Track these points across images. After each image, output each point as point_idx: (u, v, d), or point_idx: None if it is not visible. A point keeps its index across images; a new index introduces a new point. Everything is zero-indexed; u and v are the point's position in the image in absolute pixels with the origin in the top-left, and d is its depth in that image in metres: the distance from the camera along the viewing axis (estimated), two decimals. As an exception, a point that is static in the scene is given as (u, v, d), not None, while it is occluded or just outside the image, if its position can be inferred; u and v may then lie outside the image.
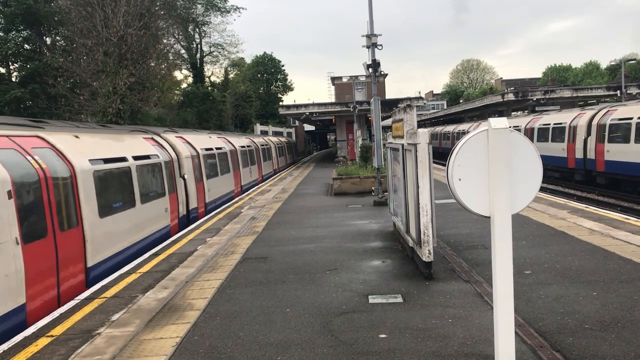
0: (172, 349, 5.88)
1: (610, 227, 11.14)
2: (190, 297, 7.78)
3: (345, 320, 6.55)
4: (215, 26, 70.00)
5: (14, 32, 41.35)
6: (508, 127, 4.30)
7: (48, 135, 9.52)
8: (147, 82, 34.03)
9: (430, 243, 7.97)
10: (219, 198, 19.82)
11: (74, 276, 9.00)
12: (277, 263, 9.68)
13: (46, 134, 9.50)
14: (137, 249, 11.60)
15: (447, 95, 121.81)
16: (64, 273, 8.64)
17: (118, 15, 30.47)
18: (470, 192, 4.34)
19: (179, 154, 15.92)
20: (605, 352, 5.29)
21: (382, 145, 17.40)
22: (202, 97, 53.38)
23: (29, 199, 7.98)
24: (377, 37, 17.96)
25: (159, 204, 13.41)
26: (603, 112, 24.53)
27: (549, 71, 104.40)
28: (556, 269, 8.34)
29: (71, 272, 8.90)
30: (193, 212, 16.23)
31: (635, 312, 6.32)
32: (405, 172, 8.97)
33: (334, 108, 43.11)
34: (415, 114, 8.97)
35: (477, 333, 5.93)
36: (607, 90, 48.97)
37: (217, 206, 18.88)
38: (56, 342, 6.26)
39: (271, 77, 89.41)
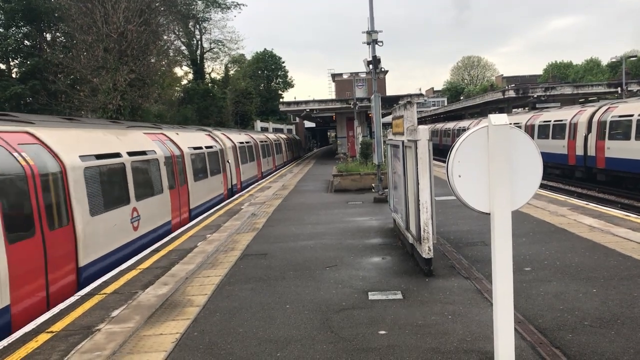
0: (172, 345, 5.89)
1: (610, 224, 11.14)
2: (190, 294, 7.79)
3: (345, 317, 6.55)
4: (216, 22, 69.85)
5: (14, 28, 41.33)
6: (508, 124, 4.29)
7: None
8: (148, 78, 33.96)
9: (430, 240, 7.97)
10: (250, 179, 27.56)
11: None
12: (277, 259, 9.68)
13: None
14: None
15: (448, 92, 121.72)
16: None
17: (118, 11, 30.40)
18: (470, 188, 4.34)
19: (225, 145, 22.36)
20: (605, 348, 5.30)
21: (382, 142, 17.39)
22: (203, 93, 53.32)
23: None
24: (378, 33, 17.94)
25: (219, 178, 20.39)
26: (604, 109, 24.50)
27: (549, 68, 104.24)
28: (556, 265, 8.34)
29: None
30: (235, 187, 23.40)
31: (635, 308, 6.32)
32: (406, 168, 8.96)
33: (335, 105, 43.06)
34: (415, 110, 8.96)
35: (477, 329, 5.93)
36: (607, 87, 48.92)
37: (248, 184, 26.08)
38: (56, 338, 6.27)
39: (271, 74, 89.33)
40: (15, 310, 7.29)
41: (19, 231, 7.63)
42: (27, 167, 8.07)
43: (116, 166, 11.17)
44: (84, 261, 9.20)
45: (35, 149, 8.67)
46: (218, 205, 18.03)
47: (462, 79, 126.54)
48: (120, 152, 11.57)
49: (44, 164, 8.64)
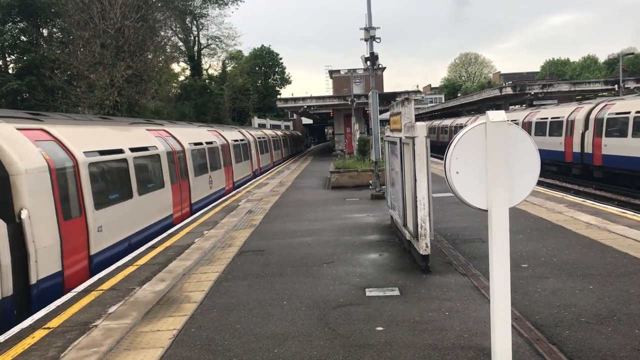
0: (169, 341, 5.89)
1: (607, 221, 11.17)
2: (187, 290, 7.78)
3: (342, 313, 6.56)
4: (213, 19, 69.62)
5: (11, 23, 41.16)
6: (506, 120, 4.29)
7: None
8: (145, 74, 33.91)
9: (427, 236, 7.98)
10: (266, 166, 34.67)
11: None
12: (274, 256, 9.68)
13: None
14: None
15: (445, 89, 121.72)
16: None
17: (115, 7, 30.32)
18: (467, 185, 4.34)
19: (249, 139, 29.72)
20: (602, 345, 5.31)
21: (379, 139, 17.39)
22: (200, 90, 53.19)
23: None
24: (375, 30, 17.90)
25: (247, 164, 27.60)
26: (601, 106, 24.53)
27: (547, 65, 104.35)
28: (553, 262, 8.36)
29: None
30: (255, 172, 29.43)
31: (631, 305, 6.34)
32: (403, 165, 8.97)
33: (332, 101, 43.03)
34: (413, 107, 8.95)
35: (474, 326, 5.94)
36: (604, 85, 48.95)
37: (264, 170, 32.75)
38: (53, 334, 6.26)
39: (269, 70, 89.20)
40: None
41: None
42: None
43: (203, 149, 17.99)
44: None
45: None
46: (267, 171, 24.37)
47: (459, 76, 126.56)
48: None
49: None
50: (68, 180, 9.33)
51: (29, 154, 8.44)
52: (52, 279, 8.42)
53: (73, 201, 9.40)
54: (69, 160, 9.55)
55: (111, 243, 10.54)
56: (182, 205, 15.57)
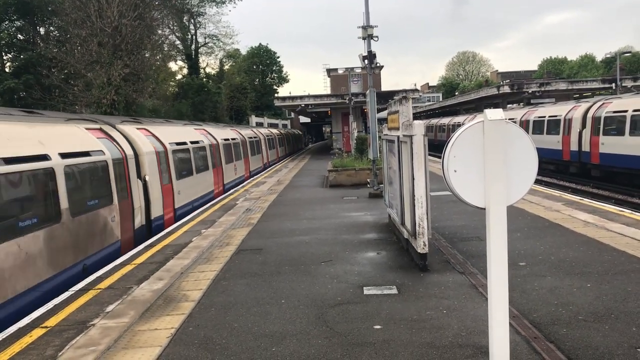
0: (167, 340, 5.88)
1: (604, 220, 11.19)
2: (185, 289, 7.77)
3: (340, 312, 6.56)
4: (210, 17, 69.61)
5: (7, 22, 41.04)
6: (504, 119, 4.28)
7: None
8: (142, 73, 33.83)
9: (425, 235, 7.98)
10: (275, 160, 40.18)
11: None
12: (272, 255, 9.68)
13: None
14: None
15: (443, 87, 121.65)
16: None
17: (112, 5, 30.24)
18: (465, 183, 4.33)
19: (262, 135, 35.01)
20: (599, 342, 5.32)
21: (377, 137, 17.38)
22: (197, 88, 53.13)
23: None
24: (373, 28, 17.88)
25: (259, 157, 32.00)
26: (598, 104, 24.56)
27: (544, 64, 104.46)
28: (551, 260, 8.37)
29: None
30: (266, 164, 34.19)
31: (628, 303, 6.35)
32: (401, 164, 8.97)
33: (330, 100, 43.01)
34: (411, 105, 8.94)
35: (472, 324, 5.95)
36: (602, 83, 48.97)
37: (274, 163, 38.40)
38: (50, 333, 6.25)
39: (266, 69, 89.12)
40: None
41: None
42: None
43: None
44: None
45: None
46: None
47: (457, 74, 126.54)
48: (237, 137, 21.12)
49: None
50: (163, 161, 14.47)
51: (145, 144, 13.52)
52: (159, 219, 13.65)
53: (165, 173, 14.53)
54: (162, 148, 14.69)
55: (184, 203, 15.86)
56: (219, 185, 20.79)
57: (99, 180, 10.86)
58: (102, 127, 12.39)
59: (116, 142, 12.27)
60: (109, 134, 12.30)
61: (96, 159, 10.81)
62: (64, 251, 8.96)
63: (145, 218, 12.92)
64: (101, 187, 10.89)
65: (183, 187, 15.64)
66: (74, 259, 9.26)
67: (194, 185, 17.14)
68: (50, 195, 8.85)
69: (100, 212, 10.53)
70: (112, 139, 12.24)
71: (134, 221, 12.27)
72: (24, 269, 7.76)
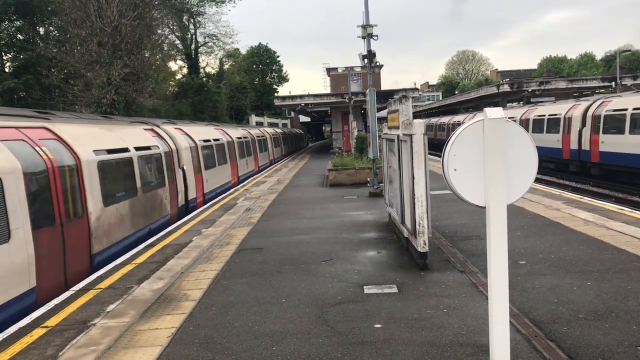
0: (168, 339, 5.88)
1: (604, 218, 11.19)
2: (185, 288, 7.78)
3: (340, 311, 6.56)
4: (210, 16, 69.73)
5: (7, 22, 41.01)
6: (504, 117, 4.28)
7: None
8: (142, 73, 33.84)
9: (425, 234, 7.98)
10: (280, 157, 43.93)
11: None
12: (272, 254, 9.68)
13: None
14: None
15: (443, 86, 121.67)
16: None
17: (112, 5, 30.24)
18: (465, 182, 4.33)
19: (268, 135, 38.02)
20: (599, 341, 5.33)
21: (377, 137, 17.38)
22: (197, 88, 53.13)
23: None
24: (373, 27, 17.88)
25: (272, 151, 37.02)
26: (598, 103, 24.55)
27: (544, 62, 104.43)
28: (551, 259, 8.38)
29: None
30: (272, 161, 37.38)
31: (628, 301, 6.35)
32: (401, 163, 8.97)
33: (330, 99, 43.00)
34: (410, 104, 8.94)
35: (472, 323, 5.95)
36: (602, 82, 48.93)
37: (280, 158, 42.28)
38: (51, 332, 6.25)
39: (266, 68, 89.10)
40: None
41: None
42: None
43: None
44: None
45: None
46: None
47: (456, 73, 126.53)
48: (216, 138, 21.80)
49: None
50: (195, 154, 17.53)
51: (182, 140, 16.66)
52: (193, 201, 16.73)
53: (197, 164, 17.61)
54: (194, 144, 17.75)
55: (210, 189, 18.89)
56: (235, 176, 23.89)
57: (157, 168, 14.05)
58: (153, 127, 15.40)
59: (163, 139, 15.36)
60: (157, 133, 15.29)
61: (154, 152, 13.99)
62: (138, 216, 12.20)
63: (184, 199, 16.02)
64: (158, 173, 14.12)
65: (209, 177, 19.07)
66: (144, 222, 12.51)
67: (217, 175, 20.48)
68: (131, 177, 12.13)
69: (158, 192, 13.79)
70: (160, 137, 15.31)
71: (178, 200, 15.44)
72: (119, 224, 11.09)
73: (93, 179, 10.10)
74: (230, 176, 22.97)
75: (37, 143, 8.80)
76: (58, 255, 8.64)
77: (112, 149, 11.40)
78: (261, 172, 30.63)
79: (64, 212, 8.97)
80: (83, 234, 9.62)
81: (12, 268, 7.32)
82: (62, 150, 9.49)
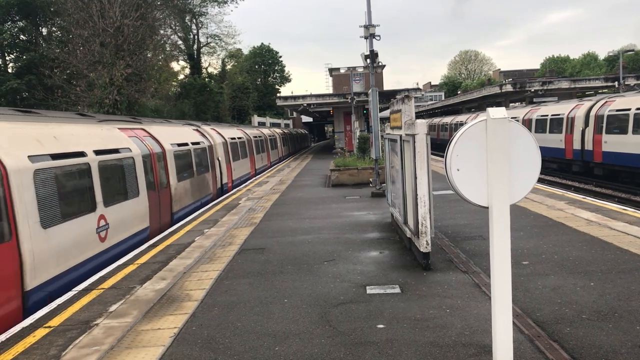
0: (170, 340, 5.89)
1: (607, 218, 11.16)
2: (188, 288, 7.78)
3: (343, 311, 6.56)
4: (212, 17, 69.84)
5: (10, 22, 41.10)
6: (506, 117, 4.28)
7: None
8: (144, 73, 33.88)
9: (428, 234, 7.97)
10: (287, 154, 47.73)
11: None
12: (275, 254, 9.68)
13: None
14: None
15: (445, 86, 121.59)
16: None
17: (114, 5, 30.28)
18: (468, 182, 4.32)
19: (277, 134, 43.29)
20: (603, 341, 5.31)
21: (380, 137, 17.36)
22: (200, 88, 53.16)
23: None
24: (375, 27, 17.88)
25: (271, 151, 38.39)
26: (601, 103, 24.50)
27: (547, 62, 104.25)
28: (554, 259, 8.36)
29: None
30: (281, 157, 42.31)
31: (632, 302, 6.34)
32: (403, 163, 8.96)
33: (332, 99, 42.97)
34: (413, 104, 8.93)
35: (475, 323, 5.94)
36: (605, 82, 48.89)
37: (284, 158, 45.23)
38: (54, 333, 6.26)
39: (269, 69, 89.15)
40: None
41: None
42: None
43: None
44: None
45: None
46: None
47: (459, 73, 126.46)
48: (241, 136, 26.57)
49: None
50: (225, 149, 21.67)
51: (217, 137, 20.86)
52: (225, 186, 20.97)
53: (227, 157, 21.75)
54: (224, 140, 21.92)
55: (236, 177, 23.33)
56: (252, 169, 28.58)
57: (204, 158, 18.55)
58: (198, 128, 20.27)
59: (205, 136, 19.82)
60: (201, 132, 19.88)
61: (202, 145, 18.56)
62: (194, 192, 16.45)
63: (219, 183, 20.51)
64: (205, 161, 18.64)
65: (235, 167, 23.67)
66: (199, 196, 16.91)
67: (240, 166, 25.16)
68: (190, 163, 16.45)
69: (205, 175, 18.39)
70: (203, 134, 19.86)
71: (216, 183, 20.01)
72: (185, 195, 15.44)
73: (172, 163, 14.56)
74: (250, 168, 28.03)
75: (142, 138, 13.24)
76: (157, 209, 13.05)
77: (180, 143, 15.90)
78: (273, 166, 35.86)
79: (158, 183, 13.44)
80: (168, 198, 14.07)
81: (140, 212, 11.91)
82: (154, 143, 13.87)
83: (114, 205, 10.51)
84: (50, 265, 8.09)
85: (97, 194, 9.81)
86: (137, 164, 12.11)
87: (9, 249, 7.32)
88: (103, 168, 10.20)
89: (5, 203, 7.33)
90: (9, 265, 7.28)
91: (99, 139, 10.93)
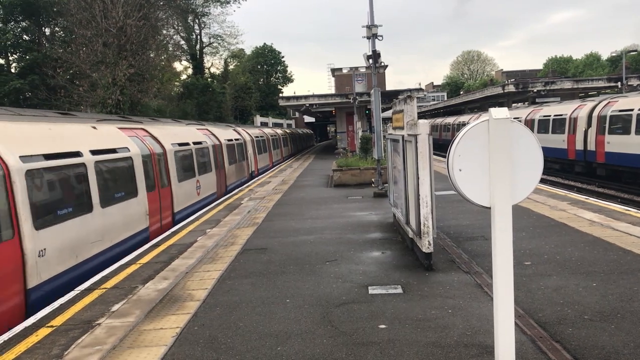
0: (172, 339, 5.89)
1: (610, 219, 11.14)
2: (190, 288, 7.79)
3: (345, 311, 6.56)
4: (215, 17, 69.82)
5: (13, 22, 41.19)
6: (509, 117, 4.27)
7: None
8: (147, 73, 33.93)
9: (430, 234, 7.97)
10: (294, 152, 52.30)
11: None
12: (277, 254, 9.68)
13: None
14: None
15: (448, 86, 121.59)
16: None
17: (117, 5, 30.34)
18: (470, 182, 4.31)
19: (287, 134, 50.06)
20: (605, 342, 5.30)
21: (382, 137, 17.36)
22: (202, 88, 53.23)
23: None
24: (377, 28, 17.88)
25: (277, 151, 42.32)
26: (603, 103, 24.45)
27: (549, 63, 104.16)
28: (556, 260, 8.34)
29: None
30: (290, 154, 49.02)
31: (634, 302, 6.32)
32: (406, 163, 8.95)
33: (334, 99, 43.01)
34: (415, 105, 8.92)
35: (477, 324, 5.93)
36: (607, 82, 48.79)
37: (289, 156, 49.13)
38: (56, 332, 6.27)
39: (271, 69, 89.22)
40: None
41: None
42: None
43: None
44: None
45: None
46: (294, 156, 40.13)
47: (461, 73, 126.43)
48: (240, 137, 27.32)
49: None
50: (252, 144, 29.02)
51: (246, 135, 27.97)
52: (253, 173, 28.30)
53: (253, 151, 28.85)
54: (251, 138, 28.69)
55: (260, 167, 30.69)
56: (270, 162, 33.70)
57: (242, 150, 25.06)
58: (234, 128, 26.61)
59: (240, 135, 25.74)
60: (236, 131, 26.30)
61: (240, 141, 25.12)
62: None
63: (250, 170, 26.69)
64: (243, 153, 25.32)
65: (259, 159, 30.23)
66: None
67: (262, 159, 31.92)
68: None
69: (243, 164, 25.25)
70: (238, 133, 25.98)
71: (249, 170, 26.00)
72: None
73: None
74: (268, 161, 34.52)
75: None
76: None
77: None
78: (285, 160, 42.62)
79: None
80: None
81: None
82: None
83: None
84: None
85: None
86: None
87: (168, 190, 14.10)
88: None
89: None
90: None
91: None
